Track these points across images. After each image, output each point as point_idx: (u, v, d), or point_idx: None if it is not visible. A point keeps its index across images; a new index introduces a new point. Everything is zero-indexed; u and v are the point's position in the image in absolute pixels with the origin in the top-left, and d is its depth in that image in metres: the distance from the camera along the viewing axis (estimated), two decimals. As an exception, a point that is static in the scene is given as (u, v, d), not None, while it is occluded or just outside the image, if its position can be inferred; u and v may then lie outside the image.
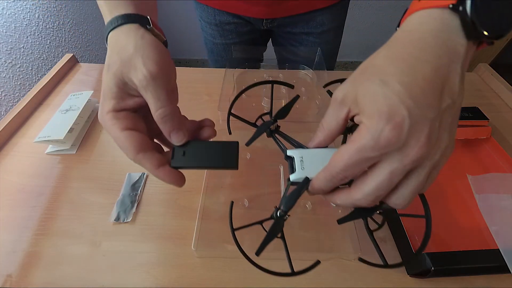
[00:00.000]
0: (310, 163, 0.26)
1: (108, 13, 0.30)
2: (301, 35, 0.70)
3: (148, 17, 0.30)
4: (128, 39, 0.28)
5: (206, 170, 0.44)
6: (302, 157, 0.26)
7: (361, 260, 0.26)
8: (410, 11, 0.24)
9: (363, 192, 0.23)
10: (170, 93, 0.27)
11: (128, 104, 0.28)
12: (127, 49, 0.27)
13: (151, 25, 0.29)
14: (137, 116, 0.29)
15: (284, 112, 0.31)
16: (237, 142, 0.29)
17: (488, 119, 0.49)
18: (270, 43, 0.81)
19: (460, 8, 0.21)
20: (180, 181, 0.29)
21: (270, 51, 0.79)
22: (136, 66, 0.26)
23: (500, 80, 0.62)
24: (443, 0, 0.22)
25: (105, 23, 0.30)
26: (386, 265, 0.26)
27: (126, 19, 0.29)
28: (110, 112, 0.27)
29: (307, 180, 0.25)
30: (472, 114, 0.50)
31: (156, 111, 0.27)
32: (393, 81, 0.21)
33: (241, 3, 0.63)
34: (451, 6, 0.21)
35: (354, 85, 0.23)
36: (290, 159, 0.27)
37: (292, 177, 0.26)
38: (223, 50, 0.75)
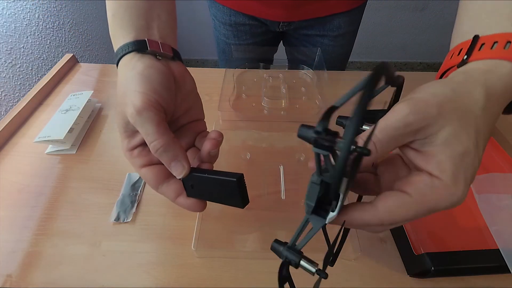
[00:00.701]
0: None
1: (114, 48, 0.30)
2: (316, 37, 0.69)
3: (146, 39, 0.28)
4: (122, 75, 0.28)
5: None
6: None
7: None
8: (494, 55, 0.22)
9: (386, 226, 0.22)
10: (160, 124, 0.26)
11: (137, 140, 0.28)
12: (121, 86, 0.27)
13: (148, 47, 0.28)
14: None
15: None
16: (236, 180, 0.26)
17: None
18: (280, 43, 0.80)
19: None
20: (200, 206, 0.29)
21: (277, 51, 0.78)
22: (127, 103, 0.26)
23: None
24: None
25: None
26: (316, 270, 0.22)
27: (123, 51, 0.28)
28: (126, 152, 0.29)
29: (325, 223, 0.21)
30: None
31: (149, 146, 0.26)
32: (481, 147, 0.20)
33: (259, 5, 0.63)
34: None
35: (442, 121, 0.20)
36: (326, 185, 0.20)
37: (329, 219, 0.21)
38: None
